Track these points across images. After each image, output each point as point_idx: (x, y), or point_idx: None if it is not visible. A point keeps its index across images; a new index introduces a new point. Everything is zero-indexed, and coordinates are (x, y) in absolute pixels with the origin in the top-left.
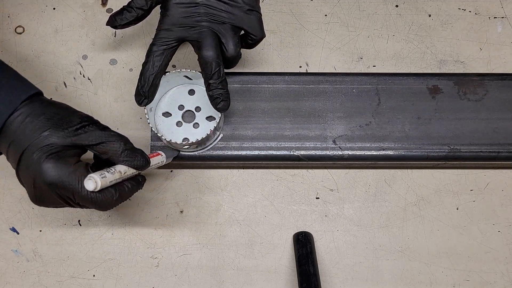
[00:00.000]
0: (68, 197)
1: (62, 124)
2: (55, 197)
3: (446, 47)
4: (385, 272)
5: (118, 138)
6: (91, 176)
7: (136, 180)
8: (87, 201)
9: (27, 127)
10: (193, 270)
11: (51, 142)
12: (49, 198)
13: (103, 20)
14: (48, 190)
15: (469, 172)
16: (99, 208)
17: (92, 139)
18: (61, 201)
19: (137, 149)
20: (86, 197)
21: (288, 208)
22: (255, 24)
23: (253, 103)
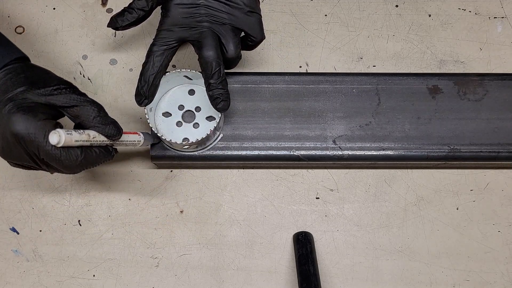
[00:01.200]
0: (33, 152)
1: (39, 83)
2: (21, 151)
3: (446, 47)
4: (385, 272)
5: (93, 104)
6: (57, 130)
7: (106, 149)
8: (50, 156)
9: (5, 84)
10: (193, 270)
11: (24, 97)
12: (15, 152)
13: (103, 20)
14: (15, 142)
15: (469, 172)
16: (62, 167)
17: (66, 100)
18: (26, 156)
19: (110, 118)
20: (49, 152)
21: (288, 208)
22: (255, 26)
23: (253, 103)
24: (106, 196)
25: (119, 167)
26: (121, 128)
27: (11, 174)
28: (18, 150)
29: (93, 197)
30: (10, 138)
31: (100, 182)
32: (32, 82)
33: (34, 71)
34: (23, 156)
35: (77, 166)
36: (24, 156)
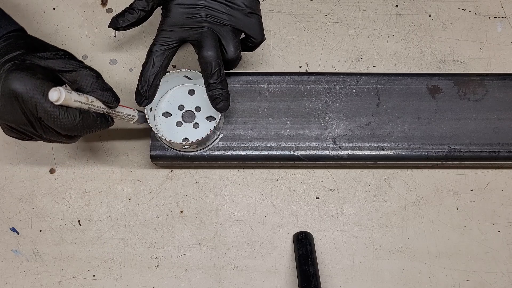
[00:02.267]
0: (30, 111)
1: (38, 48)
2: (18, 110)
3: (446, 47)
4: (385, 272)
5: (91, 70)
6: (57, 87)
7: (103, 115)
8: (48, 114)
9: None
10: (193, 270)
11: (24, 58)
12: (12, 112)
13: (103, 20)
14: (13, 100)
15: (469, 172)
16: (60, 127)
17: (64, 65)
18: (23, 116)
19: (108, 85)
20: (47, 109)
21: (288, 208)
22: (255, 27)
23: (253, 103)
24: (106, 196)
25: (119, 167)
26: (118, 97)
27: (11, 174)
28: (15, 109)
29: (93, 197)
30: (8, 96)
31: (100, 182)
32: (31, 47)
33: (32, 39)
34: (20, 116)
35: (75, 128)
36: (21, 116)
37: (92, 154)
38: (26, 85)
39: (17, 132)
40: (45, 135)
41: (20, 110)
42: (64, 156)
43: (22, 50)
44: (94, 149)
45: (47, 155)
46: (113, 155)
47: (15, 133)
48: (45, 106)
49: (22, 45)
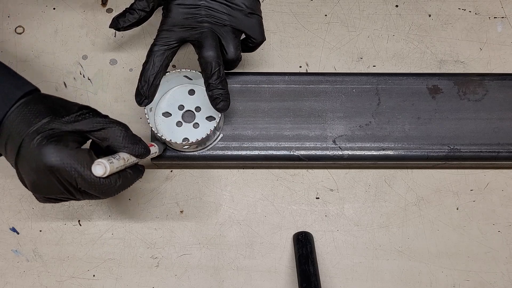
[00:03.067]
0: (69, 182)
1: (61, 111)
2: (56, 184)
3: (446, 47)
4: (385, 272)
5: (119, 124)
6: (101, 161)
7: (136, 168)
8: (91, 185)
9: (26, 116)
10: (193, 270)
11: (52, 127)
12: (49, 185)
13: (103, 20)
14: (49, 175)
15: (469, 172)
16: (101, 194)
17: (93, 124)
18: (61, 188)
19: (137, 136)
20: (90, 181)
21: (288, 208)
22: (255, 28)
23: (253, 103)
24: None
25: None
26: (148, 146)
27: (11, 174)
28: (52, 182)
29: None
30: (44, 172)
31: None
32: (53, 111)
33: (51, 101)
34: (58, 188)
35: (116, 191)
36: (59, 188)
37: None
38: (62, 159)
39: (54, 200)
40: (83, 198)
41: (57, 182)
42: None
43: (47, 117)
44: None
45: None
46: None
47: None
48: (87, 178)
49: (44, 111)
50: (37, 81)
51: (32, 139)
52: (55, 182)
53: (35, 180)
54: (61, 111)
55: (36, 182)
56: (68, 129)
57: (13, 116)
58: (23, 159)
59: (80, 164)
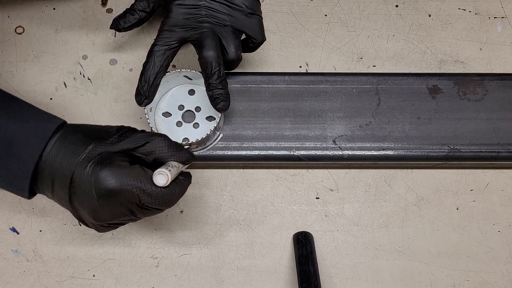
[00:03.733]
0: (131, 202)
1: (102, 135)
2: (118, 206)
3: (446, 47)
4: (385, 272)
5: (159, 136)
6: (161, 170)
7: (186, 174)
8: (155, 198)
9: (69, 148)
10: (193, 270)
11: (99, 152)
12: (112, 210)
13: (103, 20)
14: (110, 199)
15: (469, 172)
16: (164, 204)
17: (137, 141)
18: (124, 209)
19: (179, 143)
20: (154, 193)
21: (288, 208)
22: (256, 28)
23: (253, 103)
24: None
25: None
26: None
27: None
28: (115, 206)
29: None
30: (104, 197)
31: None
32: (94, 137)
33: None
34: (120, 211)
35: (176, 199)
36: (121, 210)
37: None
38: (121, 180)
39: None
40: (143, 216)
41: (119, 205)
42: None
43: (91, 144)
44: None
45: None
46: None
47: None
48: (149, 191)
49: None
50: (37, 81)
51: (83, 168)
52: (117, 205)
53: (96, 208)
54: (101, 135)
55: (97, 210)
56: (115, 150)
57: (54, 151)
58: (78, 191)
59: (139, 180)
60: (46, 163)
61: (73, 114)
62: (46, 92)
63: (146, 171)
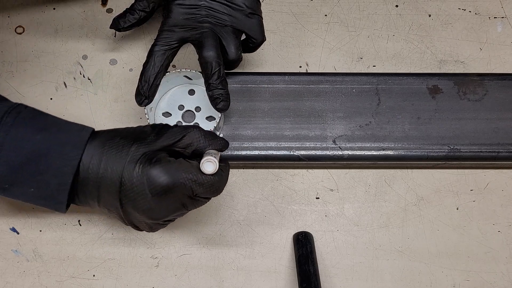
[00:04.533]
0: (184, 195)
1: (139, 136)
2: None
3: (446, 47)
4: (385, 272)
5: (194, 127)
6: (209, 158)
7: (224, 161)
8: (208, 186)
9: (110, 155)
10: (193, 270)
11: (143, 152)
12: (167, 206)
13: (103, 20)
14: (166, 196)
15: (469, 172)
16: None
17: (175, 136)
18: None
19: (212, 132)
20: (206, 182)
21: (288, 208)
22: (256, 28)
23: (253, 103)
24: None
25: None
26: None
27: None
28: (169, 202)
29: None
30: (159, 194)
31: None
32: (134, 139)
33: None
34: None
35: (224, 184)
36: (176, 205)
37: None
38: (172, 175)
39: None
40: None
41: (173, 200)
42: None
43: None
44: None
45: None
46: None
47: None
48: (201, 181)
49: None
50: (37, 81)
51: (132, 169)
52: (172, 200)
53: (151, 207)
54: (139, 135)
55: (153, 209)
56: (157, 148)
57: (96, 159)
58: (130, 194)
59: (189, 172)
60: (89, 172)
61: (73, 114)
62: (46, 92)
63: (192, 162)
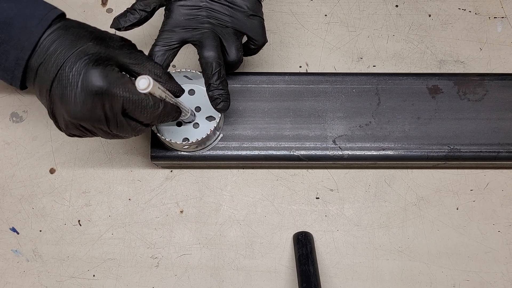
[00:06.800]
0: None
1: (105, 38)
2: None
3: (446, 47)
4: (385, 272)
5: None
6: (144, 76)
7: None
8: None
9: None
10: (193, 270)
11: (98, 51)
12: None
13: (103, 20)
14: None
15: (469, 172)
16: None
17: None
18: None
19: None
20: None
21: (288, 208)
22: (257, 29)
23: (253, 103)
24: (106, 196)
25: (119, 167)
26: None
27: (11, 174)
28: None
29: (93, 197)
30: (90, 93)
31: (100, 182)
32: (97, 37)
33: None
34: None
35: (159, 115)
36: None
37: (92, 154)
38: (110, 80)
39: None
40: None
41: (100, 106)
42: (64, 156)
43: (91, 41)
44: (94, 149)
45: (47, 155)
46: (113, 155)
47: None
48: (133, 97)
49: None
50: None
51: (78, 59)
52: (98, 105)
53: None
54: (104, 37)
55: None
56: (114, 57)
57: (53, 37)
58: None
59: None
60: (40, 47)
61: None
62: None
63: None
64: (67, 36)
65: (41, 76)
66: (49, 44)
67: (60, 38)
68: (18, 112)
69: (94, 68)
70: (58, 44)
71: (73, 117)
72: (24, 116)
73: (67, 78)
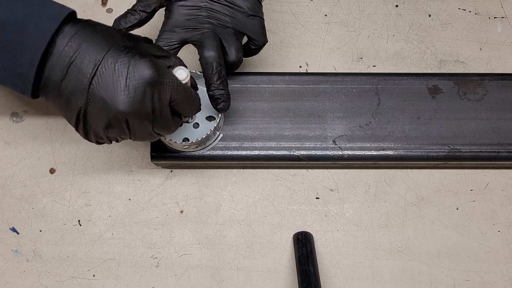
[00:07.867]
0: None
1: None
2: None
3: (446, 47)
4: (385, 272)
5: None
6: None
7: None
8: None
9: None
10: (193, 270)
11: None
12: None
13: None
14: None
15: (469, 172)
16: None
17: (162, 52)
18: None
19: None
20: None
21: (288, 208)
22: (257, 30)
23: (253, 103)
24: (106, 196)
25: (119, 167)
26: None
27: (11, 174)
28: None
29: (93, 197)
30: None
31: (100, 182)
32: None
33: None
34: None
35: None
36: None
37: (92, 154)
38: (160, 69)
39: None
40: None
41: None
42: (64, 156)
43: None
44: (94, 149)
45: (47, 155)
46: (113, 155)
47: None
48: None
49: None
50: None
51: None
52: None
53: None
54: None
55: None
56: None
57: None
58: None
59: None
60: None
61: None
62: None
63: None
64: (95, 33)
65: (72, 77)
66: (79, 43)
67: (86, 36)
68: (18, 112)
69: (143, 58)
70: (88, 42)
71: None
72: (24, 116)
73: (112, 70)
